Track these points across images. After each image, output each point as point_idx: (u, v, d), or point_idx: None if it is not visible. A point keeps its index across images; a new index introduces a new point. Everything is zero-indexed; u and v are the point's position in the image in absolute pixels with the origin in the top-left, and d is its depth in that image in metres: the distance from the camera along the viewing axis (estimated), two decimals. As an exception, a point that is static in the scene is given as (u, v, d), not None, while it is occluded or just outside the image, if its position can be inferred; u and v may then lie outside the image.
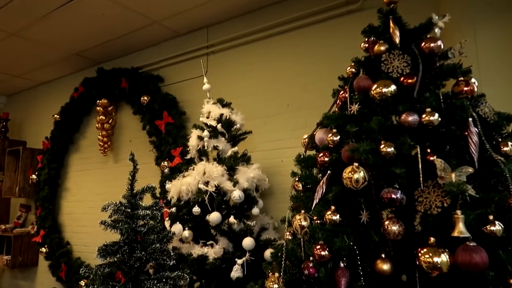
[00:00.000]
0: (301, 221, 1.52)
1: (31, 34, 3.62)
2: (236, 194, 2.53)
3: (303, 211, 1.55)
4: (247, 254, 2.40)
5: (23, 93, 5.27)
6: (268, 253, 2.42)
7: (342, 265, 1.32)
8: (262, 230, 2.63)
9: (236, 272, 2.37)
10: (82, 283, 3.67)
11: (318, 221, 1.53)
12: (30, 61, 4.27)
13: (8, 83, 4.97)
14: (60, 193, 4.49)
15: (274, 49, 3.21)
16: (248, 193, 2.64)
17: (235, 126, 2.85)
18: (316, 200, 1.51)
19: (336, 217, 1.41)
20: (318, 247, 1.37)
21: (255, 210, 2.64)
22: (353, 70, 1.76)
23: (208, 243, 2.55)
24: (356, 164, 1.39)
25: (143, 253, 1.88)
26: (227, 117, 2.81)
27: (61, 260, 4.05)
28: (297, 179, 1.74)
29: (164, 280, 1.87)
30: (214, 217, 2.51)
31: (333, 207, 1.44)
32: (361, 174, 1.36)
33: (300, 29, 3.08)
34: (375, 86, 1.56)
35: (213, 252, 2.48)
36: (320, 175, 1.68)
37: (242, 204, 2.64)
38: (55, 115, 4.41)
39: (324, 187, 1.52)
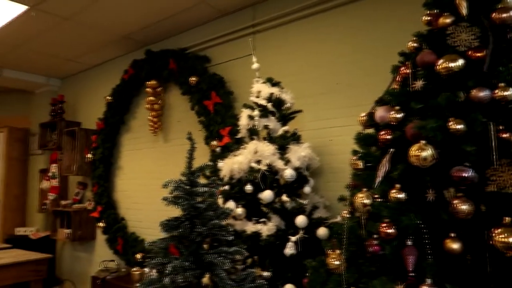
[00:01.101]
0: (363, 200, 1.52)
1: (82, 18, 3.75)
2: (288, 173, 2.55)
3: (365, 190, 1.55)
4: (301, 232, 2.44)
5: (76, 76, 5.50)
6: (321, 231, 2.44)
7: (409, 243, 1.31)
8: (314, 208, 2.65)
9: (289, 249, 2.42)
10: (138, 256, 3.87)
11: (380, 200, 1.52)
12: (81, 45, 4.44)
13: (62, 67, 5.21)
14: (114, 171, 4.72)
15: (322, 26, 3.14)
16: (300, 172, 2.65)
17: (285, 105, 2.85)
18: (379, 178, 1.50)
19: (402, 196, 1.40)
20: (384, 225, 1.37)
21: (307, 189, 2.66)
22: (415, 44, 1.70)
23: (260, 220, 2.61)
24: (423, 141, 1.36)
25: (203, 228, 1.95)
26: (277, 96, 2.81)
27: (117, 234, 4.29)
28: (355, 157, 1.72)
29: (223, 254, 1.94)
30: (266, 195, 2.55)
31: (397, 186, 1.42)
32: (429, 152, 1.33)
33: (351, 4, 2.99)
34: (441, 61, 1.50)
35: (266, 229, 2.53)
36: (379, 153, 1.66)
37: (293, 182, 2.66)
38: (107, 97, 4.58)
39: (387, 165, 1.50)
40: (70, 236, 4.63)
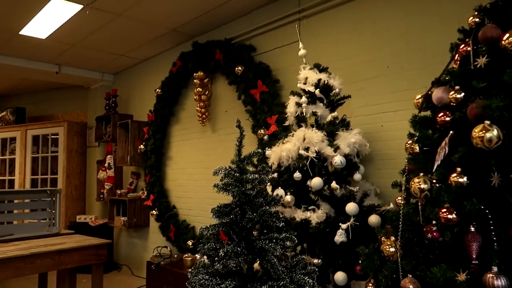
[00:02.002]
0: (420, 184, 1.45)
1: (133, 14, 3.88)
2: (338, 160, 2.50)
3: (422, 174, 1.48)
4: (351, 219, 2.39)
5: (127, 71, 5.73)
6: (373, 218, 2.38)
7: (472, 229, 1.24)
8: (365, 196, 2.59)
9: (340, 237, 2.38)
10: (190, 243, 4.00)
11: (438, 184, 1.45)
12: (133, 40, 4.60)
13: (115, 62, 5.44)
14: (165, 162, 4.88)
15: (371, 8, 3.02)
16: (349, 159, 2.60)
17: (333, 91, 2.79)
18: (437, 162, 1.42)
19: (463, 180, 1.32)
20: (444, 210, 1.31)
21: (357, 176, 2.60)
22: (477, 19, 1.59)
23: (310, 208, 2.59)
24: (488, 122, 1.27)
25: (254, 214, 1.96)
26: (325, 82, 2.76)
27: (170, 222, 4.45)
28: (411, 141, 1.65)
29: (273, 240, 1.95)
30: (315, 182, 2.52)
31: (458, 169, 1.34)
32: (495, 132, 1.24)
33: (402, -17, 2.85)
34: (506, 35, 1.39)
35: (315, 216, 2.51)
36: (437, 136, 1.58)
37: (342, 170, 2.61)
38: (157, 89, 4.73)
39: (446, 148, 1.43)
40: (126, 223, 4.87)
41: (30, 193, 4.19)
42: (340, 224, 2.41)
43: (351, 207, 2.41)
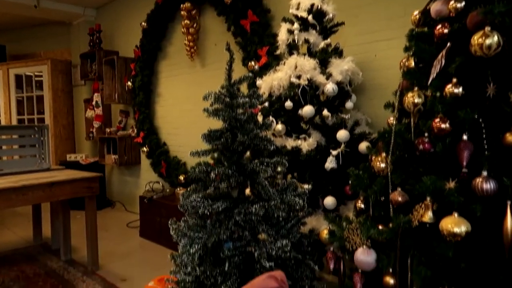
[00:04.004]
0: (414, 98, 1.43)
1: None
2: (330, 87, 2.46)
3: (416, 88, 1.45)
4: (342, 146, 2.40)
5: (111, 4, 5.43)
6: (363, 145, 2.39)
7: (465, 137, 1.24)
8: (356, 124, 2.58)
9: (330, 163, 2.40)
10: (181, 177, 4.04)
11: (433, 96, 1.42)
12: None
13: (96, -5, 5.14)
14: (154, 99, 4.79)
15: None
16: (342, 87, 2.55)
17: (326, 17, 2.68)
18: (433, 75, 1.39)
19: (458, 90, 1.30)
20: (438, 120, 1.30)
21: (349, 104, 2.57)
22: None
23: (300, 136, 2.59)
24: (488, 28, 1.22)
25: (245, 137, 1.95)
26: (318, 7, 2.64)
27: (161, 158, 4.46)
28: (407, 55, 1.60)
29: (265, 163, 1.95)
30: (307, 110, 2.49)
31: (454, 80, 1.32)
32: (495, 38, 1.20)
33: None
34: None
35: (306, 144, 2.51)
36: (434, 48, 1.53)
37: (334, 98, 2.58)
38: (143, 23, 4.52)
39: (442, 60, 1.38)
40: (117, 161, 4.88)
41: (17, 128, 4.12)
42: (331, 151, 2.42)
43: (342, 134, 2.41)
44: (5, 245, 3.97)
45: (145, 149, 4.62)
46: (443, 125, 1.27)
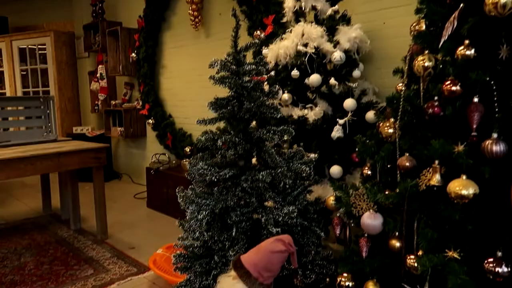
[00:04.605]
0: (424, 62, 1.40)
1: None
2: (337, 55, 2.42)
3: (427, 52, 1.42)
4: (349, 114, 2.38)
5: (113, -27, 5.32)
6: (370, 114, 2.37)
7: (475, 100, 1.22)
8: (363, 93, 2.56)
9: (337, 132, 2.40)
10: (187, 149, 4.06)
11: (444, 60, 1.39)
12: None
13: (98, -37, 5.02)
14: (158, 70, 4.75)
15: None
16: (349, 55, 2.52)
17: (334, -18, 2.61)
18: (445, 37, 1.36)
19: (471, 52, 1.27)
20: (448, 82, 1.27)
21: (356, 73, 2.53)
22: None
23: (307, 106, 2.57)
24: (504, -15, 1.18)
25: (251, 104, 1.94)
26: (326, -28, 2.57)
27: (166, 130, 4.46)
28: (418, 17, 1.57)
29: (271, 131, 1.95)
30: (314, 79, 2.47)
31: (466, 42, 1.28)
32: (511, -3, 1.16)
33: None
34: None
35: (312, 114, 2.50)
36: (446, 10, 1.49)
37: (342, 67, 2.54)
38: (146, -8, 4.43)
39: (455, 22, 1.35)
40: (123, 133, 4.89)
41: (22, 100, 4.13)
42: (337, 120, 2.41)
43: (349, 102, 2.39)
44: (15, 215, 4.05)
45: (150, 121, 4.63)
46: (453, 88, 1.25)
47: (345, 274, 1.56)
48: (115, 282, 2.55)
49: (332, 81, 2.45)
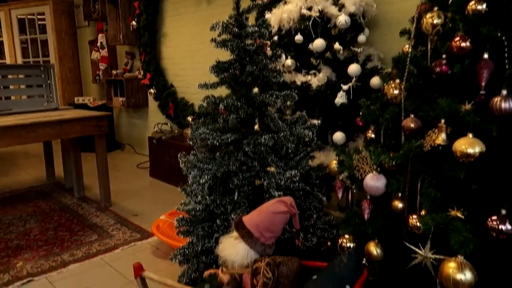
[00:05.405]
0: (433, 19, 1.35)
1: None
2: (342, 19, 2.36)
3: (436, 8, 1.37)
4: (353, 80, 2.34)
5: None
6: (375, 80, 2.33)
7: (485, 56, 1.18)
8: (368, 59, 2.51)
9: (340, 98, 2.37)
10: (189, 118, 4.03)
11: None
12: None
13: None
14: (159, 39, 4.66)
15: None
16: (354, 19, 2.46)
17: None
18: (456, -9, 1.30)
19: (482, 7, 1.22)
20: (458, 38, 1.23)
21: (361, 38, 2.48)
22: None
23: (310, 72, 2.53)
24: None
25: (254, 67, 1.90)
26: None
27: (168, 100, 4.43)
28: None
29: (274, 95, 1.91)
30: (318, 44, 2.41)
31: (479, -5, 1.23)
32: None
33: None
34: None
35: (316, 80, 2.46)
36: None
37: (346, 31, 2.49)
38: (145, -44, 4.29)
39: (466, -24, 1.29)
40: (125, 103, 4.86)
41: (23, 68, 4.09)
42: (341, 85, 2.37)
43: (353, 67, 2.35)
44: (19, 184, 4.09)
45: (152, 90, 4.58)
46: (463, 44, 1.21)
47: (346, 236, 1.56)
48: (119, 247, 2.59)
49: (337, 46, 2.40)
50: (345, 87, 2.35)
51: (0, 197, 3.66)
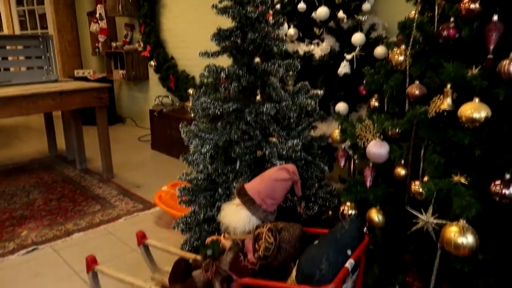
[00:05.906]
0: (440, -17, 1.31)
1: None
2: (347, -14, 2.29)
3: (445, -30, 1.32)
4: (357, 49, 2.30)
5: None
6: (379, 49, 2.28)
7: (495, 18, 1.15)
8: (372, 28, 2.45)
9: (344, 68, 2.33)
10: (190, 91, 3.98)
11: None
12: None
13: None
14: (159, 10, 4.57)
15: None
16: (359, -13, 2.39)
17: None
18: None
19: (493, -33, 1.17)
20: (467, 0, 1.19)
21: (366, 6, 2.41)
22: None
23: (313, 41, 2.48)
24: None
25: (256, 35, 1.86)
26: None
27: (169, 72, 4.38)
28: None
29: (276, 64, 1.88)
30: (321, 12, 2.36)
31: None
32: None
33: None
34: None
35: (319, 49, 2.41)
36: None
37: (351, -1, 2.42)
38: None
39: None
40: (125, 76, 4.82)
41: (21, 38, 4.03)
42: (345, 55, 2.33)
43: (357, 36, 2.30)
44: (22, 156, 4.10)
45: (152, 63, 4.53)
46: (472, 5, 1.17)
47: (348, 203, 1.57)
48: (122, 217, 2.62)
49: (341, 14, 2.34)
50: (348, 56, 2.30)
51: (3, 169, 3.68)
